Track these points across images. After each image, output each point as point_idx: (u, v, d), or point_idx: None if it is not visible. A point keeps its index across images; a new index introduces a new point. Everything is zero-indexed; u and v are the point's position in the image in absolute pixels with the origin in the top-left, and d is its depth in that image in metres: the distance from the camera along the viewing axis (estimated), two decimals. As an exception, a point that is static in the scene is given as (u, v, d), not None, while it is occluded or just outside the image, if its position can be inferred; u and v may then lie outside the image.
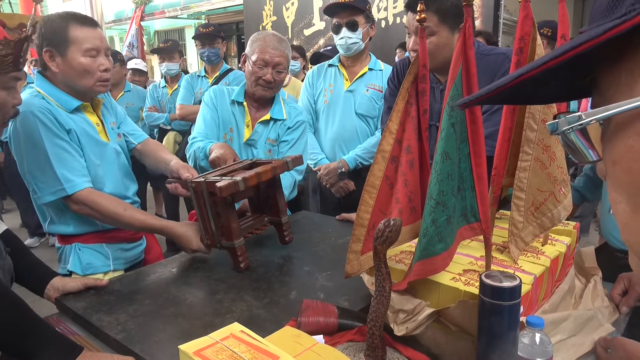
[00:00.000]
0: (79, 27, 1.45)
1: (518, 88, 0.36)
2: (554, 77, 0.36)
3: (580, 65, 0.35)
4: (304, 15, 5.65)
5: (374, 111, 2.43)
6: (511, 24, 5.30)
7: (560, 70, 0.33)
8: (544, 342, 0.86)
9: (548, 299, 1.11)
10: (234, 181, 1.28)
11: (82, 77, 1.47)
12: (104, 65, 1.50)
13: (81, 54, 1.45)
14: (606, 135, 0.34)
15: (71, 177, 1.44)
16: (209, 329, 0.97)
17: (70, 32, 1.44)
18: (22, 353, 0.98)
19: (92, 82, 1.49)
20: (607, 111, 0.32)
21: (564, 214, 1.11)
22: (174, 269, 1.47)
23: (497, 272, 0.86)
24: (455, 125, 0.90)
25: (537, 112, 1.05)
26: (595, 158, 0.36)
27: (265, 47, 1.81)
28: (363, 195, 1.01)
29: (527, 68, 0.33)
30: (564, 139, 0.36)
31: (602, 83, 0.35)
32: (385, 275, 0.87)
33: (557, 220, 1.10)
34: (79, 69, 1.46)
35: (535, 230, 1.09)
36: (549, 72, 0.32)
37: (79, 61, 1.45)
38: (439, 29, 1.56)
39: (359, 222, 1.01)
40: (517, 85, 0.35)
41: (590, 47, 0.29)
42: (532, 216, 1.08)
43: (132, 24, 8.57)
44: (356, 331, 1.02)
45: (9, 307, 0.99)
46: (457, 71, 0.88)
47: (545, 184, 1.08)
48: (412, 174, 1.01)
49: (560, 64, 0.31)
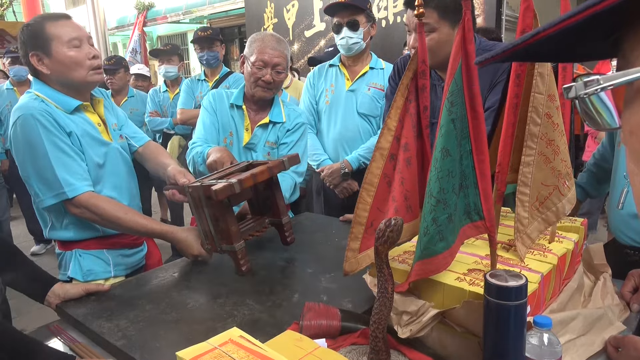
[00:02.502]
0: (54, 23, 1.45)
1: (540, 45, 0.33)
2: (579, 34, 0.33)
3: (605, 24, 0.32)
4: (305, 17, 5.64)
5: (376, 110, 2.41)
6: (514, 20, 5.26)
7: (584, 28, 0.31)
8: (553, 343, 0.84)
9: (556, 297, 1.09)
10: (229, 184, 1.26)
11: (73, 70, 1.47)
12: (91, 52, 1.49)
13: (65, 47, 1.45)
14: (627, 101, 0.32)
15: (72, 181, 1.43)
16: (211, 333, 0.95)
17: (47, 29, 1.44)
18: None
19: (85, 73, 1.48)
20: (627, 75, 0.29)
21: (568, 207, 1.09)
22: (175, 273, 1.46)
23: (503, 272, 0.84)
24: (455, 122, 0.87)
25: (541, 106, 1.03)
26: (617, 124, 0.33)
27: (264, 47, 1.80)
28: (361, 193, 1.00)
29: (548, 25, 0.31)
30: (580, 105, 0.33)
31: (626, 45, 0.32)
32: (388, 277, 0.85)
33: (562, 214, 1.09)
34: (67, 62, 1.45)
35: (540, 225, 1.07)
36: (571, 29, 0.30)
37: (65, 54, 1.45)
38: (439, 25, 1.53)
39: (357, 221, 1.01)
40: (539, 42, 0.32)
41: (614, 3, 0.27)
42: (537, 211, 1.06)
43: (134, 29, 8.62)
44: (359, 334, 1.00)
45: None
46: (456, 66, 0.86)
47: (550, 178, 1.06)
48: (409, 172, 1.00)
49: (583, 21, 0.29)
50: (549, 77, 1.04)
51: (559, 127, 1.06)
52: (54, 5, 14.81)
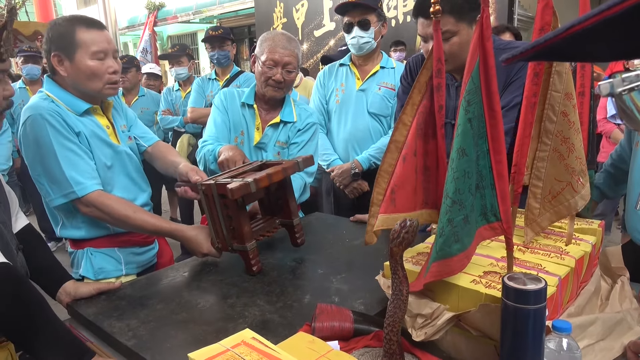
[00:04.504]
0: (86, 30, 1.44)
1: (571, 41, 0.32)
2: (611, 30, 0.31)
3: None
4: (314, 17, 5.64)
5: (387, 110, 2.39)
6: (526, 19, 5.22)
7: (617, 23, 0.29)
8: (572, 348, 0.82)
9: (573, 301, 1.06)
10: (245, 183, 1.25)
11: (91, 81, 1.46)
12: (112, 67, 1.48)
13: (89, 57, 1.44)
14: None
15: (81, 180, 1.43)
16: (221, 334, 0.95)
17: (77, 35, 1.43)
18: (31, 349, 0.98)
19: (101, 85, 1.48)
20: None
21: (581, 203, 1.09)
22: (186, 273, 1.45)
23: (521, 274, 0.82)
24: (472, 121, 0.86)
25: (557, 104, 1.02)
26: None
27: (275, 46, 1.78)
28: (377, 179, 1.04)
29: (580, 19, 0.29)
30: (617, 102, 0.32)
31: None
32: (402, 279, 0.84)
33: (574, 209, 1.09)
34: (87, 72, 1.45)
35: (552, 216, 1.08)
36: (604, 24, 0.28)
37: (86, 64, 1.44)
38: (458, 28, 1.50)
39: (374, 202, 1.05)
40: (570, 38, 0.31)
41: None
42: (549, 204, 1.07)
43: (145, 29, 8.68)
44: (372, 336, 0.98)
45: (24, 301, 0.98)
46: (474, 63, 0.84)
47: (563, 175, 1.06)
48: (402, 168, 1.02)
49: (618, 15, 0.27)
50: (567, 76, 1.02)
51: (575, 125, 1.04)
52: (66, 5, 14.96)
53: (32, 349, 0.98)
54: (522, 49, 0.36)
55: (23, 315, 0.97)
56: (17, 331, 0.99)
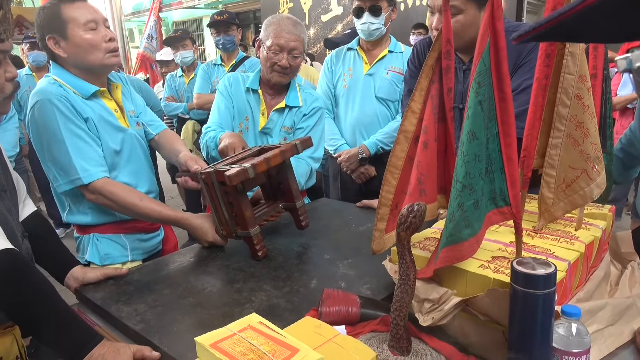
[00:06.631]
0: (70, 5, 1.44)
1: (585, 16, 0.30)
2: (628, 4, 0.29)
3: None
4: (322, 1, 5.56)
5: (395, 95, 2.36)
6: (536, 2, 5.12)
7: None
8: (581, 333, 0.81)
9: (582, 286, 1.05)
10: (242, 169, 1.25)
11: (90, 53, 1.46)
12: (107, 35, 1.48)
13: (82, 29, 1.43)
14: None
15: (88, 167, 1.43)
16: (228, 319, 0.95)
17: (63, 12, 1.43)
18: (39, 334, 0.98)
19: (102, 56, 1.47)
20: None
21: (597, 191, 1.06)
22: (192, 258, 1.45)
23: (530, 259, 0.80)
24: (482, 103, 0.84)
25: (570, 87, 0.99)
26: None
27: (280, 31, 1.76)
28: (386, 175, 1.00)
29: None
30: (636, 78, 0.30)
31: None
32: (410, 263, 0.83)
33: (589, 198, 1.05)
34: (84, 45, 1.44)
35: (566, 206, 1.04)
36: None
37: (82, 37, 1.44)
38: (465, 7, 1.48)
39: (383, 202, 1.02)
40: (584, 11, 0.29)
41: None
42: (562, 193, 1.04)
43: (150, 15, 8.60)
44: (379, 321, 0.98)
45: (31, 286, 0.98)
46: (484, 44, 0.82)
47: (578, 162, 1.02)
48: (425, 156, 0.98)
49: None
50: (580, 57, 0.99)
51: (590, 109, 1.01)
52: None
53: (40, 333, 0.98)
54: (533, 25, 0.34)
55: (30, 300, 0.98)
56: (25, 316, 0.99)
